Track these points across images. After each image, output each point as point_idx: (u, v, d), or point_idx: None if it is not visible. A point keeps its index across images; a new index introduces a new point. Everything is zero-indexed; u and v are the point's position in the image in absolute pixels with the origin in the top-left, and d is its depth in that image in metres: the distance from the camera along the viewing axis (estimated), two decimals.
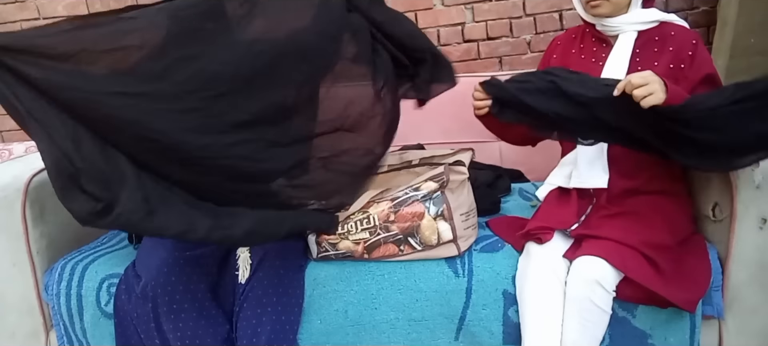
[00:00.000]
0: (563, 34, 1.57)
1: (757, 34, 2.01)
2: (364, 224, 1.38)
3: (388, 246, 1.38)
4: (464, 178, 1.39)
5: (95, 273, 1.46)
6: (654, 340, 1.30)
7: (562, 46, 1.51)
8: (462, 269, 1.36)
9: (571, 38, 1.51)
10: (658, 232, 1.27)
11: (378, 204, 1.39)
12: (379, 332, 1.39)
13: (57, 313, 1.48)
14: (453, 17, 2.28)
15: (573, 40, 1.49)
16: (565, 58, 1.48)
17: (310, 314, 1.39)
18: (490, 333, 1.35)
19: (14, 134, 2.53)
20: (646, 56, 1.34)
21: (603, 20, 1.37)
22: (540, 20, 2.24)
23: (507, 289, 1.34)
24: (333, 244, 1.41)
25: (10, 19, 2.38)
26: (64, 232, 1.57)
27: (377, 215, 1.37)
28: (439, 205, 1.36)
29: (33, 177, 1.49)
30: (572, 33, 1.51)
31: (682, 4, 2.28)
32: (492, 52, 2.30)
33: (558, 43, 1.54)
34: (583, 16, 1.42)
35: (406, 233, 1.37)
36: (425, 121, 1.94)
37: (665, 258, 1.24)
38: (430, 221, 1.36)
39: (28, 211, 1.47)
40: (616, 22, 1.35)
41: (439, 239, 1.36)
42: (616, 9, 1.34)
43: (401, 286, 1.38)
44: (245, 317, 1.33)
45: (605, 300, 1.20)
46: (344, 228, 1.39)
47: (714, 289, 1.31)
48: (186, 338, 1.30)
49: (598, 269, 1.20)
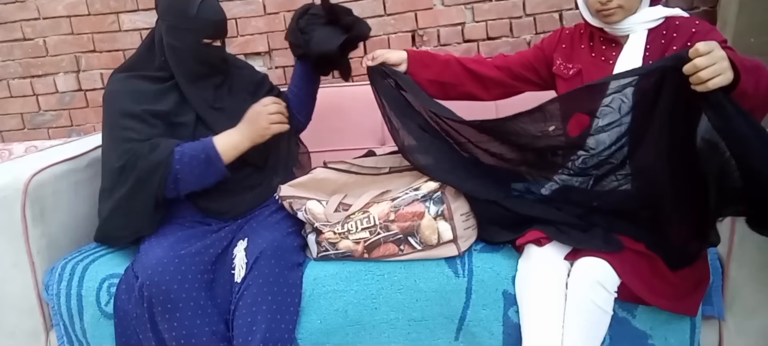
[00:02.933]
0: (572, 27, 1.55)
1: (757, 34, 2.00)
2: (365, 223, 1.38)
3: (388, 246, 1.38)
4: None
5: (95, 273, 1.46)
6: (654, 340, 1.30)
7: (571, 38, 1.50)
8: (462, 269, 1.36)
9: (579, 33, 1.50)
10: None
11: (378, 204, 1.39)
12: (379, 332, 1.39)
13: (57, 313, 1.48)
14: (453, 17, 2.27)
15: (582, 36, 1.48)
16: (573, 51, 1.48)
17: (310, 314, 1.39)
18: (490, 333, 1.35)
19: (14, 134, 2.53)
20: (656, 51, 1.33)
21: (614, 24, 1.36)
22: (540, 20, 2.24)
23: (507, 289, 1.34)
24: (333, 243, 1.41)
25: (10, 19, 2.38)
26: (64, 232, 1.58)
27: (377, 215, 1.37)
28: (439, 205, 1.36)
29: (33, 177, 1.49)
30: (580, 28, 1.51)
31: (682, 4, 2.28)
32: (492, 52, 2.29)
33: (566, 34, 1.53)
34: (591, 21, 1.41)
35: (406, 233, 1.36)
36: None
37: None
38: (431, 221, 1.36)
39: (28, 211, 1.47)
40: (626, 24, 1.35)
41: (440, 238, 1.36)
42: (627, 13, 1.34)
43: (401, 286, 1.38)
44: (241, 315, 1.33)
45: (606, 301, 1.20)
46: (344, 227, 1.39)
47: (714, 289, 1.31)
48: (181, 337, 1.30)
49: (599, 270, 1.20)
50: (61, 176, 1.58)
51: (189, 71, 1.50)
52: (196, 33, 1.47)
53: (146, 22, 2.34)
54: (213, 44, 1.51)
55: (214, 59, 1.53)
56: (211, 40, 1.49)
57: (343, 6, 1.59)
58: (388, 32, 2.29)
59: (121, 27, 2.36)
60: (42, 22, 2.38)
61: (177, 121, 1.49)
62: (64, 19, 2.36)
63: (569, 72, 1.45)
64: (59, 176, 1.58)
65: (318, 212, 1.42)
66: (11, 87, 2.46)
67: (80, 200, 1.64)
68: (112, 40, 2.37)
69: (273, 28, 2.32)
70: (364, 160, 1.57)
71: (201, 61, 1.50)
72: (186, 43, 1.47)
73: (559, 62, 1.49)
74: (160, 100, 1.49)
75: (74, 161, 1.65)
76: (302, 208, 1.44)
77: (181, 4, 1.45)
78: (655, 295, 1.22)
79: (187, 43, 1.47)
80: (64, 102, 2.46)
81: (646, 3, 1.35)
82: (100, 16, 2.35)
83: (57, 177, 1.57)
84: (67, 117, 2.48)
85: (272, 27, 2.31)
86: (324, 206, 1.43)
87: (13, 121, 2.51)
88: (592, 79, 1.36)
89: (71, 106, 2.47)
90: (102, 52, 2.39)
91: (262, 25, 2.31)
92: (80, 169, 1.66)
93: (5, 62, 2.43)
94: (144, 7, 2.33)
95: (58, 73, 2.43)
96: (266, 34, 2.33)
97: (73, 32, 2.38)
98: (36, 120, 2.50)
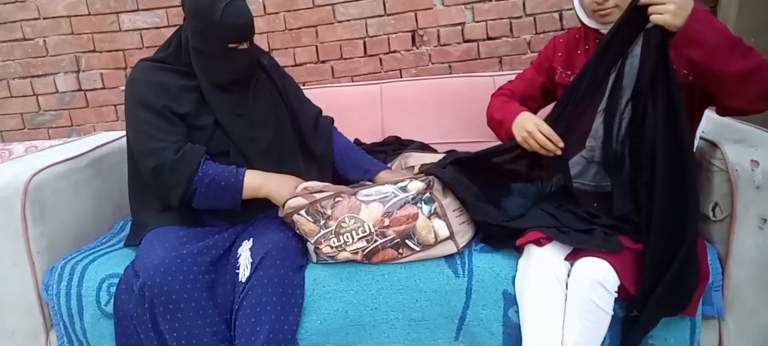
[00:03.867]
0: (565, 34, 1.56)
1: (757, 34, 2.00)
2: (359, 232, 1.35)
3: (387, 251, 1.37)
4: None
5: (95, 273, 1.46)
6: (654, 340, 1.30)
7: (566, 45, 1.51)
8: (462, 269, 1.36)
9: (575, 38, 1.50)
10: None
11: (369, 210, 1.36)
12: (379, 332, 1.39)
13: (57, 313, 1.48)
14: (453, 17, 2.28)
15: (578, 41, 1.49)
16: (569, 57, 1.48)
17: (310, 314, 1.39)
18: (490, 333, 1.35)
19: (14, 134, 2.53)
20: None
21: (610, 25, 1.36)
22: (540, 20, 2.24)
23: (507, 289, 1.34)
24: (331, 256, 1.39)
25: (10, 19, 2.39)
26: (64, 232, 1.57)
27: (371, 222, 1.35)
28: (430, 204, 1.36)
29: (33, 177, 1.49)
30: (575, 33, 1.51)
31: None
32: (492, 52, 2.30)
33: (561, 42, 1.53)
34: (587, 22, 1.41)
35: (403, 236, 1.36)
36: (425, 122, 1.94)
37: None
38: (425, 221, 1.35)
39: (28, 211, 1.47)
40: None
41: (436, 237, 1.36)
42: None
43: (401, 286, 1.38)
44: (244, 315, 1.32)
45: (607, 301, 1.20)
46: (340, 240, 1.36)
47: (714, 289, 1.31)
48: (183, 338, 1.30)
49: (599, 269, 1.20)
50: (61, 175, 1.58)
51: (214, 75, 1.48)
52: (220, 39, 1.42)
53: (146, 22, 2.34)
54: (239, 48, 1.46)
55: (240, 63, 1.49)
56: (237, 43, 1.45)
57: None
58: (388, 32, 2.29)
59: (121, 27, 2.36)
60: (42, 22, 2.38)
61: (195, 124, 1.47)
62: (64, 19, 2.37)
63: (569, 79, 1.46)
64: (59, 176, 1.58)
65: (308, 228, 1.39)
66: (11, 87, 2.47)
67: (80, 200, 1.64)
68: (112, 40, 2.37)
69: (273, 28, 2.32)
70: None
71: (226, 67, 1.47)
72: (211, 48, 1.44)
73: (559, 71, 1.50)
74: (182, 97, 1.46)
75: (74, 161, 1.65)
76: (294, 224, 1.43)
77: (206, 8, 1.39)
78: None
79: (211, 48, 1.44)
80: (64, 102, 2.46)
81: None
82: (100, 16, 2.35)
83: (57, 177, 1.57)
84: (67, 117, 2.49)
85: (272, 27, 2.32)
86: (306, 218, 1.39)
87: (13, 121, 2.52)
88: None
89: (71, 106, 2.47)
90: (102, 52, 2.39)
91: (262, 25, 2.31)
92: (80, 169, 1.66)
93: (5, 62, 2.43)
94: (144, 7, 2.33)
95: (58, 73, 2.43)
96: (266, 34, 2.33)
97: (73, 32, 2.38)
98: (36, 120, 2.50)
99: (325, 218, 1.37)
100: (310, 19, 2.30)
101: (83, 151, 1.71)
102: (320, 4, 2.28)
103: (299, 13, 2.30)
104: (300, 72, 2.33)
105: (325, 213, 1.37)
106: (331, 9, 2.28)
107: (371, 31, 2.30)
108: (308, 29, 2.31)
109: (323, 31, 2.31)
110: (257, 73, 1.58)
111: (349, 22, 2.29)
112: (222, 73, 1.48)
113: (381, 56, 2.32)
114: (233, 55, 1.46)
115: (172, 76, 1.47)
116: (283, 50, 2.34)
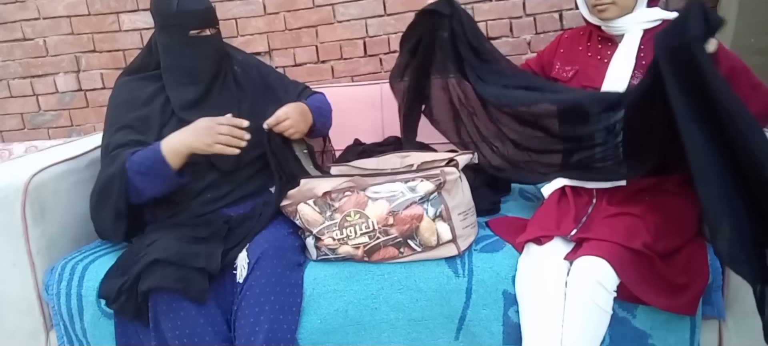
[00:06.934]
0: (572, 30, 1.59)
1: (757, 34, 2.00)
2: (363, 228, 1.37)
3: (388, 249, 1.38)
4: (456, 177, 1.37)
5: (95, 273, 1.46)
6: (654, 340, 1.30)
7: (569, 41, 1.53)
8: (462, 269, 1.36)
9: (579, 35, 1.52)
10: (661, 234, 1.27)
11: (376, 207, 1.38)
12: (379, 332, 1.39)
13: (57, 313, 1.48)
14: None
15: (581, 38, 1.51)
16: (570, 53, 1.50)
17: (310, 314, 1.39)
18: (490, 333, 1.35)
19: (14, 134, 2.53)
20: (650, 51, 1.34)
21: (609, 21, 1.38)
22: (540, 20, 2.24)
23: (507, 289, 1.34)
24: (332, 249, 1.40)
25: (10, 19, 2.38)
26: (64, 232, 1.58)
27: (376, 219, 1.37)
28: (436, 206, 1.36)
29: (33, 177, 1.49)
30: (581, 30, 1.53)
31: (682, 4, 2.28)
32: None
33: (565, 38, 1.56)
34: (589, 19, 1.43)
35: (405, 236, 1.36)
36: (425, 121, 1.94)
37: (666, 262, 1.25)
38: (429, 223, 1.36)
39: (28, 211, 1.47)
40: (622, 23, 1.37)
41: (439, 239, 1.36)
42: (622, 11, 1.36)
43: (401, 286, 1.38)
44: (243, 315, 1.33)
45: (606, 300, 1.21)
46: (343, 233, 1.38)
47: (714, 289, 1.31)
48: (184, 337, 1.30)
49: (599, 269, 1.20)
50: (61, 175, 1.58)
51: (182, 68, 1.50)
52: (181, 27, 1.47)
53: (146, 22, 2.34)
54: (201, 35, 1.50)
55: (205, 50, 1.51)
56: (198, 30, 1.49)
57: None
58: (388, 32, 2.29)
59: (121, 27, 2.36)
60: (42, 22, 2.38)
61: (163, 122, 1.49)
62: (64, 19, 2.36)
63: (568, 74, 1.48)
64: (59, 176, 1.58)
65: (312, 218, 1.41)
66: (11, 87, 2.46)
67: (80, 200, 1.64)
68: (112, 40, 2.37)
69: (273, 28, 2.32)
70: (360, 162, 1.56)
71: (191, 55, 1.50)
72: (175, 40, 1.49)
73: (557, 66, 1.52)
74: (152, 102, 1.50)
75: (74, 161, 1.65)
76: (296, 214, 1.43)
77: (164, 2, 1.47)
78: (654, 295, 1.22)
79: (175, 39, 1.49)
80: (64, 102, 2.46)
81: (643, 3, 1.36)
82: (100, 16, 2.35)
83: (57, 177, 1.57)
84: (67, 117, 2.48)
85: (272, 27, 2.31)
86: (313, 208, 1.41)
87: (13, 121, 2.51)
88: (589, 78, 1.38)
89: (71, 106, 2.47)
90: (102, 52, 2.39)
91: (262, 25, 2.31)
92: (80, 169, 1.66)
93: (5, 62, 2.43)
94: (144, 7, 2.33)
95: (58, 73, 2.43)
96: (266, 34, 2.33)
97: (73, 32, 2.38)
98: (36, 120, 2.50)
99: (331, 210, 1.38)
100: (310, 19, 2.30)
101: (83, 152, 1.71)
102: (320, 4, 2.28)
103: (299, 13, 2.30)
104: (300, 72, 2.33)
105: (332, 205, 1.38)
106: (331, 9, 2.28)
107: (371, 31, 2.29)
108: (308, 29, 2.31)
109: (323, 31, 2.31)
110: (228, 68, 1.59)
111: (349, 22, 2.29)
112: (189, 60, 1.50)
113: (381, 56, 2.32)
114: (197, 42, 1.50)
115: (144, 84, 1.53)
116: (283, 50, 2.33)
